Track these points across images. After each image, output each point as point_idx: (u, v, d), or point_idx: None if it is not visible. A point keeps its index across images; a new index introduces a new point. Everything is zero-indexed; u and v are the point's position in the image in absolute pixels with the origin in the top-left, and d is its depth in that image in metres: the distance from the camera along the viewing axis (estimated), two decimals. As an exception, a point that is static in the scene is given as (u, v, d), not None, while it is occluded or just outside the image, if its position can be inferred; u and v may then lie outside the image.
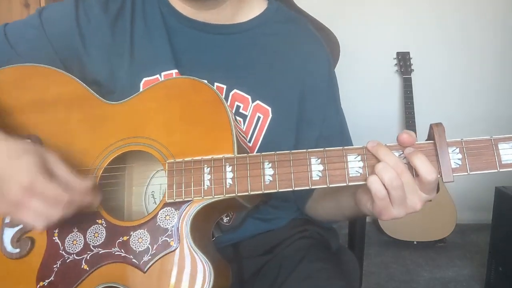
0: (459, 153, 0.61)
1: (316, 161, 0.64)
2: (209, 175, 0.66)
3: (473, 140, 0.61)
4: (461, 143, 0.61)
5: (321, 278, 0.76)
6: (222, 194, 0.65)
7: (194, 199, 0.66)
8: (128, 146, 0.72)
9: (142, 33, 0.83)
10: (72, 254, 0.68)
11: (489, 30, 2.53)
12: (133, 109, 0.74)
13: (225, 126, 0.68)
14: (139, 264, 0.65)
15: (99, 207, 0.70)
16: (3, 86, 0.77)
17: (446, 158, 0.60)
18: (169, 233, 0.66)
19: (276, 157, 0.65)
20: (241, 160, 0.66)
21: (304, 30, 0.90)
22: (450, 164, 0.60)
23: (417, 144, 0.62)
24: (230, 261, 0.83)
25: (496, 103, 2.59)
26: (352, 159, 0.63)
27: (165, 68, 0.81)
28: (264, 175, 0.65)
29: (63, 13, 0.83)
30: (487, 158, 0.60)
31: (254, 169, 0.65)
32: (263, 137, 0.83)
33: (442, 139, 0.61)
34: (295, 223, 0.93)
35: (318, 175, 0.64)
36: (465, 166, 0.60)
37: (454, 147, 0.61)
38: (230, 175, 0.66)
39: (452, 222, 2.35)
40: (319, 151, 0.64)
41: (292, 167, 0.64)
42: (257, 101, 0.83)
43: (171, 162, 0.68)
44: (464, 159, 0.60)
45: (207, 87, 0.71)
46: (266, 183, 0.65)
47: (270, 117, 0.83)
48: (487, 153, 0.60)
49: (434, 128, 0.61)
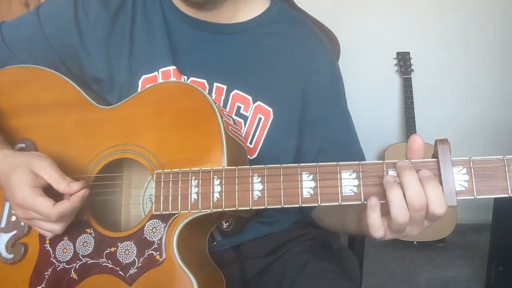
0: (465, 174, 0.54)
1: (307, 177, 0.60)
2: (196, 188, 0.63)
3: (483, 160, 0.54)
4: (469, 163, 0.54)
5: (327, 279, 0.75)
6: (209, 208, 0.62)
7: (181, 212, 0.64)
8: (118, 153, 0.70)
9: (142, 30, 0.80)
10: (62, 262, 0.68)
11: (489, 30, 2.44)
12: (124, 114, 0.71)
13: (215, 135, 0.65)
14: (125, 276, 0.64)
15: (88, 216, 0.69)
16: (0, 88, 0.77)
17: (450, 179, 0.54)
18: (155, 247, 0.64)
19: (266, 171, 0.61)
20: (229, 173, 0.63)
21: (307, 30, 0.86)
22: (454, 186, 0.54)
23: (420, 161, 0.56)
24: (232, 262, 0.82)
25: (496, 103, 2.51)
26: (346, 177, 0.58)
27: (163, 64, 0.78)
28: (252, 190, 0.61)
29: (61, 11, 0.81)
30: (497, 181, 0.54)
31: (242, 183, 0.62)
32: (264, 139, 0.80)
33: (446, 158, 0.54)
34: (297, 225, 0.91)
35: (310, 192, 0.59)
36: (471, 189, 0.54)
37: (461, 167, 0.55)
38: (217, 188, 0.62)
39: (452, 222, 2.31)
40: (312, 166, 0.60)
41: (282, 182, 0.60)
42: (258, 102, 0.79)
43: (159, 172, 0.66)
44: (471, 182, 0.54)
45: (198, 92, 0.68)
46: (254, 198, 0.61)
47: (272, 118, 0.79)
48: (498, 175, 0.54)
49: (439, 145, 0.55)
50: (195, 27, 0.80)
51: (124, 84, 0.79)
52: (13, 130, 0.75)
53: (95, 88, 0.80)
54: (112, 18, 0.80)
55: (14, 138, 0.74)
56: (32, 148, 0.73)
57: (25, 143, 0.74)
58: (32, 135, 0.74)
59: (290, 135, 0.81)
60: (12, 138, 0.74)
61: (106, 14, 0.80)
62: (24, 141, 0.74)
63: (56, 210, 0.62)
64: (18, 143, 0.74)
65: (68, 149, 0.72)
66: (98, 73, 0.80)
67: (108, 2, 0.80)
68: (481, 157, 0.54)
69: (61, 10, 0.81)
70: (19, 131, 0.75)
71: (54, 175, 0.64)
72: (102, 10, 0.80)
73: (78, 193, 0.64)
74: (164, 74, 0.78)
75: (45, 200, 0.63)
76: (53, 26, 0.80)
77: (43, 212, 0.63)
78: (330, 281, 0.74)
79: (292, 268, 0.79)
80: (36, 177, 0.64)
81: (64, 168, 0.69)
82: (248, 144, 0.78)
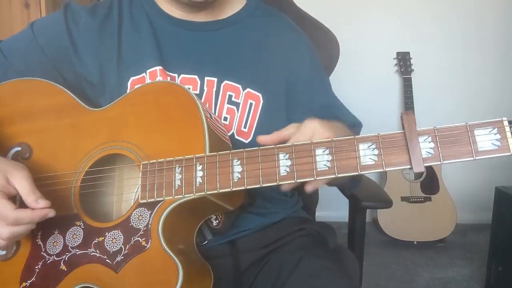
0: (431, 142, 0.57)
1: (284, 156, 0.62)
2: (180, 175, 0.66)
3: (447, 128, 0.57)
4: (434, 131, 0.57)
5: (326, 276, 0.75)
6: (192, 192, 0.65)
7: (165, 199, 0.66)
8: (107, 149, 0.73)
9: (129, 34, 0.86)
10: (52, 255, 0.70)
11: (489, 30, 2.49)
12: (113, 115, 0.76)
13: (198, 125, 0.69)
14: (112, 264, 0.66)
15: (78, 209, 0.71)
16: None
17: (417, 147, 0.57)
18: (141, 233, 0.66)
19: (245, 154, 0.64)
20: (211, 159, 0.66)
21: (284, 23, 0.94)
22: (420, 153, 0.57)
23: (388, 134, 0.59)
24: (226, 255, 0.83)
25: (496, 103, 2.52)
26: (320, 153, 0.61)
27: (150, 65, 0.83)
28: (232, 172, 0.64)
29: (53, 23, 0.88)
30: (462, 146, 0.56)
31: (223, 167, 0.65)
32: (257, 122, 0.84)
33: (411, 128, 0.57)
34: (292, 221, 0.92)
35: (286, 170, 0.62)
36: (438, 155, 0.57)
37: (426, 136, 0.57)
38: (200, 173, 0.65)
39: (452, 222, 2.31)
40: (288, 146, 0.63)
41: (261, 163, 0.63)
42: (247, 88, 0.84)
43: (145, 163, 0.69)
44: (437, 148, 0.57)
45: (181, 89, 0.72)
46: (234, 180, 0.64)
47: (262, 103, 0.85)
48: (462, 140, 0.56)
49: (404, 117, 0.58)
50: (180, 26, 0.86)
51: (114, 87, 0.84)
52: (10, 135, 0.79)
53: (89, 92, 0.85)
54: (99, 26, 0.86)
55: (10, 142, 0.78)
56: (28, 150, 0.77)
57: (21, 146, 0.78)
58: (27, 138, 0.78)
59: (280, 116, 0.87)
60: (8, 143, 0.78)
61: (93, 23, 0.86)
62: (20, 144, 0.78)
63: (15, 214, 0.63)
64: (15, 146, 0.78)
65: (61, 149, 0.76)
66: (91, 78, 0.85)
67: (95, 12, 0.87)
68: (445, 125, 0.57)
69: (53, 22, 0.88)
70: (15, 136, 0.79)
71: (25, 187, 0.66)
72: (90, 20, 0.86)
73: (42, 210, 0.65)
74: (151, 74, 0.83)
75: (8, 202, 0.64)
76: (46, 37, 0.86)
77: (2, 212, 0.64)
78: (330, 278, 0.75)
79: (288, 265, 0.80)
80: (7, 184, 0.66)
81: (57, 166, 0.73)
82: (242, 129, 0.83)
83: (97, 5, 0.89)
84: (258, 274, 0.83)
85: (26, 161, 0.77)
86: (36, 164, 0.76)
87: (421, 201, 2.33)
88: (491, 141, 0.55)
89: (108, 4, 0.88)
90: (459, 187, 2.37)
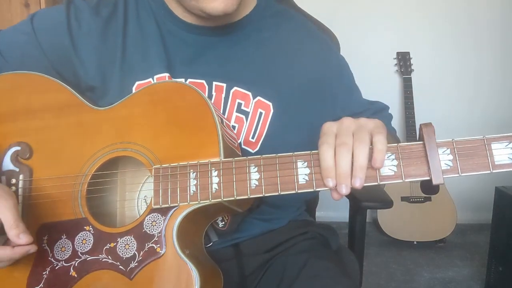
0: (450, 154, 0.58)
1: (302, 164, 0.62)
2: (195, 180, 0.65)
3: (465, 141, 0.58)
4: (452, 144, 0.58)
5: (328, 277, 0.76)
6: (208, 199, 0.64)
7: (180, 204, 0.65)
8: (115, 152, 0.71)
9: (135, 36, 0.82)
10: (61, 261, 0.68)
11: (490, 30, 2.51)
12: (120, 114, 0.73)
13: (211, 129, 0.67)
14: (125, 271, 0.65)
15: (87, 213, 0.69)
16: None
17: (436, 159, 0.58)
18: (155, 239, 0.65)
19: (262, 161, 0.64)
20: (227, 165, 0.65)
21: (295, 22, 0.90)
22: (440, 165, 0.58)
23: (407, 144, 0.60)
24: (230, 259, 0.83)
25: (496, 103, 2.57)
26: (339, 162, 0.61)
27: (158, 71, 0.80)
28: (250, 179, 0.63)
29: (55, 19, 0.83)
30: (479, 159, 0.58)
31: (240, 173, 0.64)
32: (266, 133, 0.82)
33: (431, 140, 0.58)
34: (295, 224, 0.92)
35: (305, 178, 0.62)
36: (456, 168, 0.58)
37: (445, 148, 0.59)
38: (216, 179, 0.64)
39: (452, 222, 2.34)
40: (306, 154, 0.63)
41: (278, 171, 0.63)
42: (258, 97, 0.82)
43: (158, 167, 0.67)
44: (455, 160, 0.58)
45: (193, 91, 0.70)
46: (252, 187, 0.63)
47: (272, 112, 0.82)
48: (480, 153, 0.58)
49: (423, 128, 0.59)
50: (190, 31, 0.83)
51: (116, 90, 0.80)
52: (8, 134, 0.75)
53: (89, 94, 0.81)
54: (103, 26, 0.82)
55: (7, 141, 0.74)
56: (28, 150, 0.74)
57: (20, 145, 0.74)
58: (27, 138, 0.75)
59: (291, 126, 0.84)
60: (5, 142, 0.74)
61: (98, 23, 0.82)
62: (19, 144, 0.74)
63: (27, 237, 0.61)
64: (13, 146, 0.74)
65: (64, 150, 0.73)
66: (91, 81, 0.81)
67: (99, 10, 0.83)
68: (463, 138, 0.59)
69: (55, 19, 0.83)
70: (14, 134, 0.75)
71: (9, 218, 0.62)
72: (94, 19, 0.82)
73: (23, 247, 0.62)
74: (159, 80, 0.79)
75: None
76: (46, 34, 0.82)
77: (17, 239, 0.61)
78: (332, 279, 0.76)
79: (292, 266, 0.80)
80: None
81: (61, 168, 0.70)
82: (250, 139, 0.81)
83: (102, 2, 0.84)
84: (262, 277, 0.83)
85: (26, 162, 0.74)
86: (38, 165, 0.73)
87: (421, 201, 2.35)
88: (508, 155, 0.57)
89: (114, 1, 0.84)
90: (459, 187, 2.37)
